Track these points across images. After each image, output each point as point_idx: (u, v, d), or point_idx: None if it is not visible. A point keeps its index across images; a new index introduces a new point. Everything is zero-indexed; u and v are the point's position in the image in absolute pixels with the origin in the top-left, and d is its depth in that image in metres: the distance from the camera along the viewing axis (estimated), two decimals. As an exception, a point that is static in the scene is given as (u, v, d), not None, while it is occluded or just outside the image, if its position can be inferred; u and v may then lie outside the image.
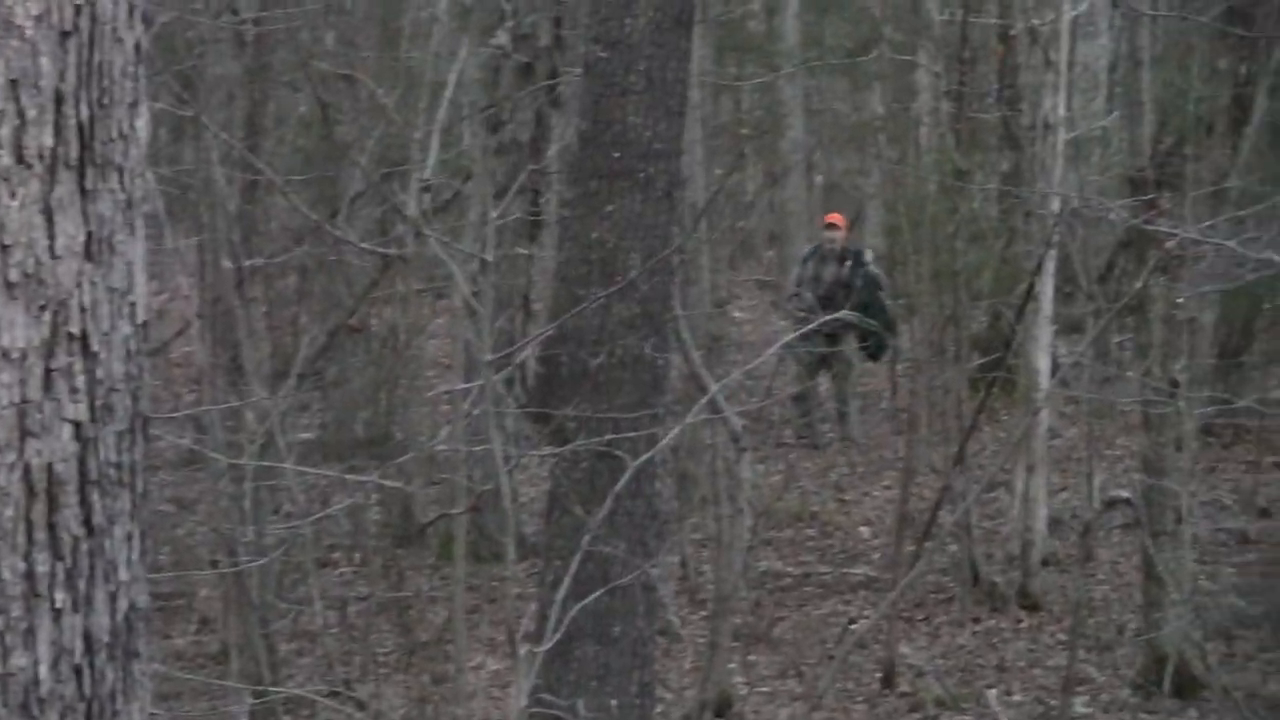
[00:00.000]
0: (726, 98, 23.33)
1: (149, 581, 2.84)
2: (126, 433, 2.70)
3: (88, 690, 2.61)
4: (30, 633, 2.50)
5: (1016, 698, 9.21)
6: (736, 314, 19.34)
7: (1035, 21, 12.24)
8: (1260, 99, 11.86)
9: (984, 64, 17.07)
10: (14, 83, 2.45)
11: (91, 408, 2.58)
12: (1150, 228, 9.53)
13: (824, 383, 14.54)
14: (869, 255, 14.53)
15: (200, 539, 10.13)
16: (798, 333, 10.24)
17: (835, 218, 14.95)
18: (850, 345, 14.28)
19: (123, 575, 2.69)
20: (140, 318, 2.73)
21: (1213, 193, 10.01)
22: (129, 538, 2.72)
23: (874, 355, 14.33)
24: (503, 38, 10.65)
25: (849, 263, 14.24)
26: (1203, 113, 10.54)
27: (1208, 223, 9.09)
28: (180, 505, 10.22)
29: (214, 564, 8.55)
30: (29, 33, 2.47)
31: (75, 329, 2.51)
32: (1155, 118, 12.48)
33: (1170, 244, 9.05)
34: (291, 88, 11.97)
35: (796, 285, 14.54)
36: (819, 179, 23.88)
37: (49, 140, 2.48)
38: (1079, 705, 8.87)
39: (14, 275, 2.40)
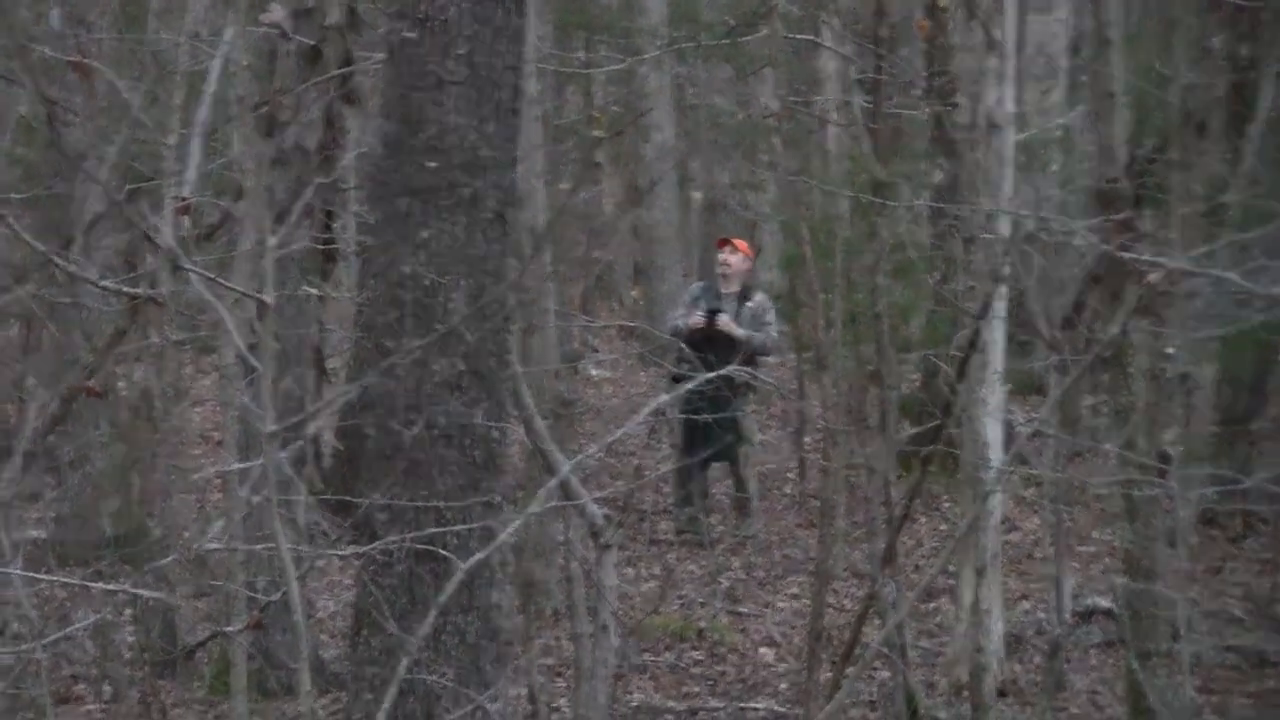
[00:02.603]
0: (574, 90, 23.56)
1: None
2: None
3: None
4: None
5: None
6: (593, 371, 19.69)
7: None
8: (1266, 88, 12.11)
9: (907, 45, 17.42)
10: None
11: None
12: (1128, 255, 9.45)
13: (711, 461, 14.71)
14: (757, 300, 14.89)
15: None
16: (675, 394, 10.26)
17: (736, 241, 15.29)
18: (748, 410, 14.45)
19: None
20: None
21: (1207, 210, 10.02)
22: None
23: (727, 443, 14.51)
24: (279, 14, 10.55)
25: (750, 304, 14.58)
26: (1192, 106, 10.54)
27: (1202, 249, 9.06)
28: None
29: None
30: None
31: None
32: (1131, 113, 12.53)
33: (1154, 276, 9.12)
34: (5, 80, 11.93)
35: (679, 324, 14.86)
36: (697, 195, 24.22)
37: None
38: None
39: None
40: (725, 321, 14.45)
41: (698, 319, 14.53)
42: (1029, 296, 11.90)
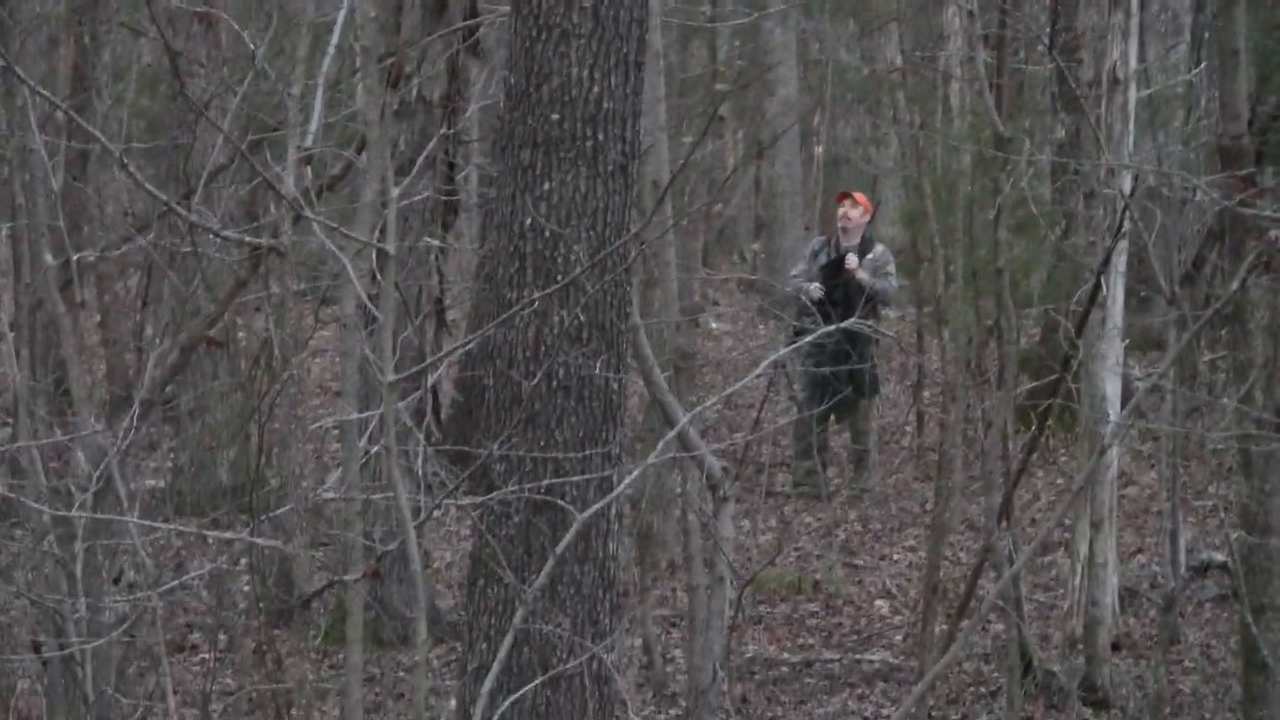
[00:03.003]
0: (698, 44, 23.60)
1: None
2: None
3: None
4: None
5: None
6: (713, 324, 19.69)
7: None
8: None
9: (1032, 1, 17.31)
10: None
11: None
12: (1249, 212, 9.42)
13: (831, 413, 14.72)
14: (878, 251, 14.92)
15: (17, 614, 10.05)
16: (795, 344, 10.27)
17: (856, 195, 15.27)
18: (869, 364, 14.54)
19: None
20: None
21: None
22: None
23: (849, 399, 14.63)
24: None
25: (871, 256, 14.61)
26: None
27: None
28: None
29: (36, 647, 8.66)
30: None
31: None
32: (1254, 70, 12.54)
33: (1275, 233, 9.12)
34: (131, 31, 11.98)
35: (800, 281, 14.91)
36: (819, 150, 24.21)
37: None
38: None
39: None
40: (853, 262, 14.45)
41: (826, 265, 14.64)
42: (1149, 252, 11.90)
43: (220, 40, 11.11)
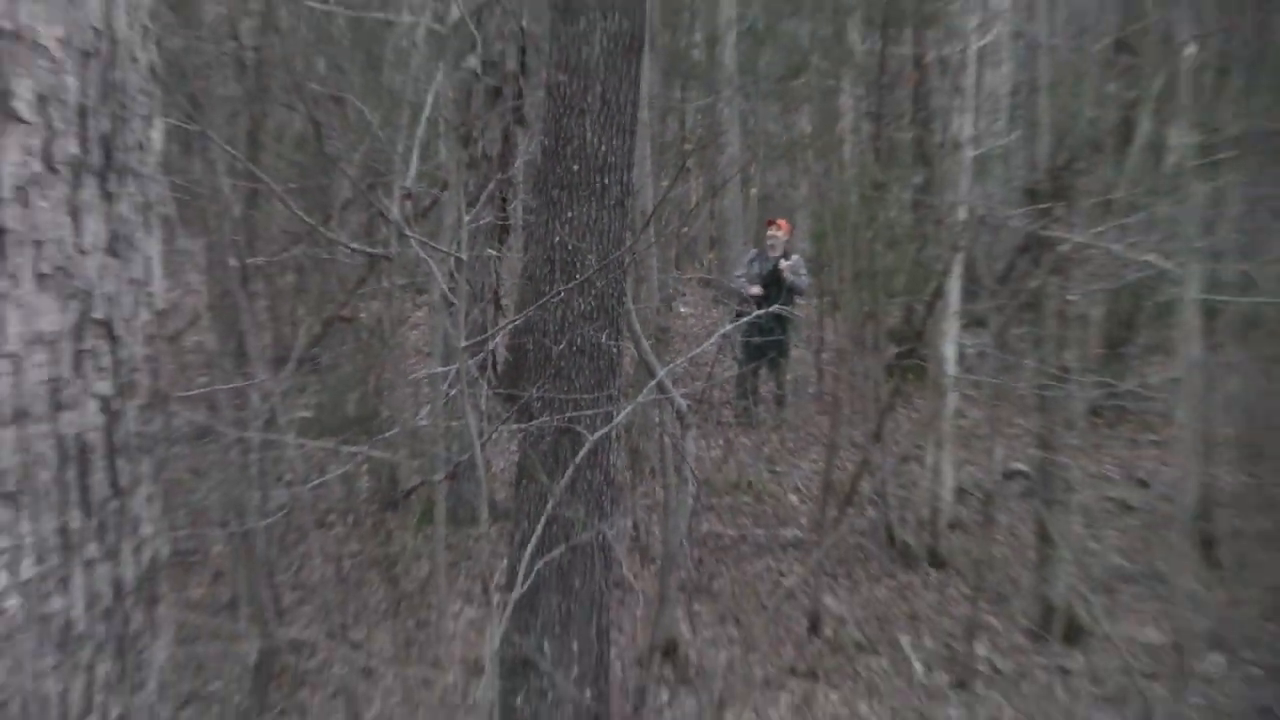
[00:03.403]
0: (672, 118, 23.04)
1: (168, 538, 2.89)
2: (147, 407, 2.74)
3: (117, 630, 2.64)
4: (65, 580, 2.50)
5: (926, 642, 9.11)
6: (681, 309, 19.20)
7: (945, 51, 12.07)
8: (1143, 121, 11.89)
9: (900, 89, 17.05)
10: (42, 98, 2.47)
11: (116, 385, 2.59)
12: (1045, 234, 9.46)
13: (760, 368, 14.38)
14: (794, 259, 14.42)
15: (212, 503, 9.71)
16: (736, 324, 10.05)
17: (780, 222, 14.86)
18: (788, 335, 14.32)
19: (145, 530, 2.73)
20: (157, 306, 2.76)
21: (1100, 203, 9.95)
22: (150, 498, 2.77)
23: (774, 359, 14.36)
24: (474, 63, 10.51)
25: (789, 262, 14.18)
26: (1092, 133, 10.40)
27: (1096, 229, 9.14)
28: (195, 473, 9.95)
29: (224, 524, 8.44)
30: (55, 54, 2.51)
31: (100, 315, 2.56)
32: (1051, 137, 11.97)
33: (1063, 248, 9.02)
34: (287, 107, 11.60)
35: (742, 282, 14.38)
36: (754, 190, 23.72)
37: (74, 149, 2.46)
38: (980, 649, 8.82)
39: (45, 268, 2.41)
40: (784, 265, 13.94)
41: (758, 281, 14.08)
42: (977, 260, 11.78)
43: (348, 113, 10.68)
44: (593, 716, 7.21)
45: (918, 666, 8.68)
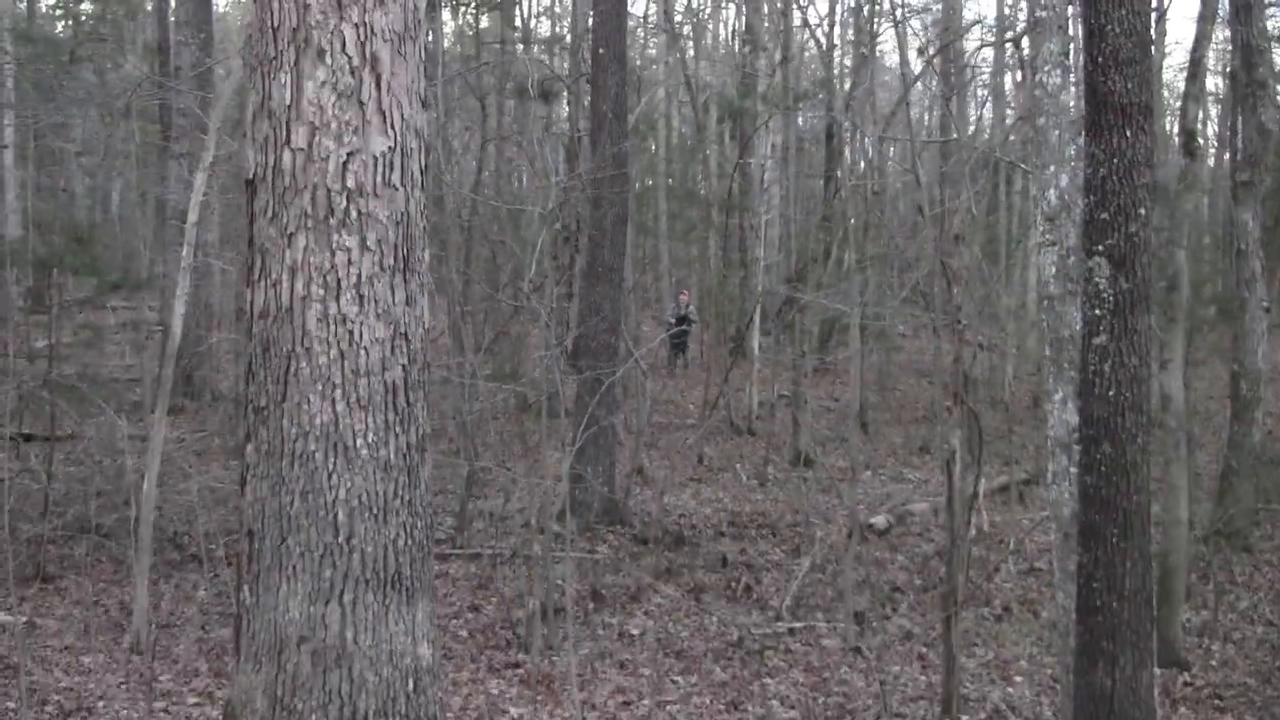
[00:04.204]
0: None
1: (428, 424, 5.31)
2: (422, 369, 5.17)
3: (413, 462, 5.19)
4: (386, 441, 5.11)
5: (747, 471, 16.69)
6: (644, 328, 27.77)
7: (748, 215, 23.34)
8: (835, 247, 21.03)
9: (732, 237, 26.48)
10: (378, 238, 5.06)
11: (409, 359, 5.11)
12: (795, 294, 17.26)
13: (679, 351, 25.71)
14: (692, 306, 24.03)
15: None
16: (667, 333, 19.37)
17: (685, 292, 25.81)
18: (689, 340, 25.76)
19: (422, 422, 5.16)
20: (426, 325, 5.24)
21: (818, 284, 17.97)
22: (423, 407, 5.21)
23: (683, 350, 25.05)
24: (559, 226, 17.28)
25: (689, 309, 24.71)
26: (813, 251, 19.25)
27: (820, 293, 17.20)
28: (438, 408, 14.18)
29: (454, 416, 13.07)
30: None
31: (403, 332, 5.05)
32: (796, 252, 22.76)
33: (803, 301, 17.04)
34: (461, 228, 17.68)
35: (669, 318, 24.53)
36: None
37: (391, 260, 4.97)
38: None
39: (379, 311, 4.97)
40: (691, 317, 24.09)
41: (678, 317, 24.07)
42: (766, 306, 21.96)
43: (508, 245, 17.77)
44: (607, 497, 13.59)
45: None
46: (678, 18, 32.87)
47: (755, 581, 12.99)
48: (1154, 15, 15.51)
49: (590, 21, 17.30)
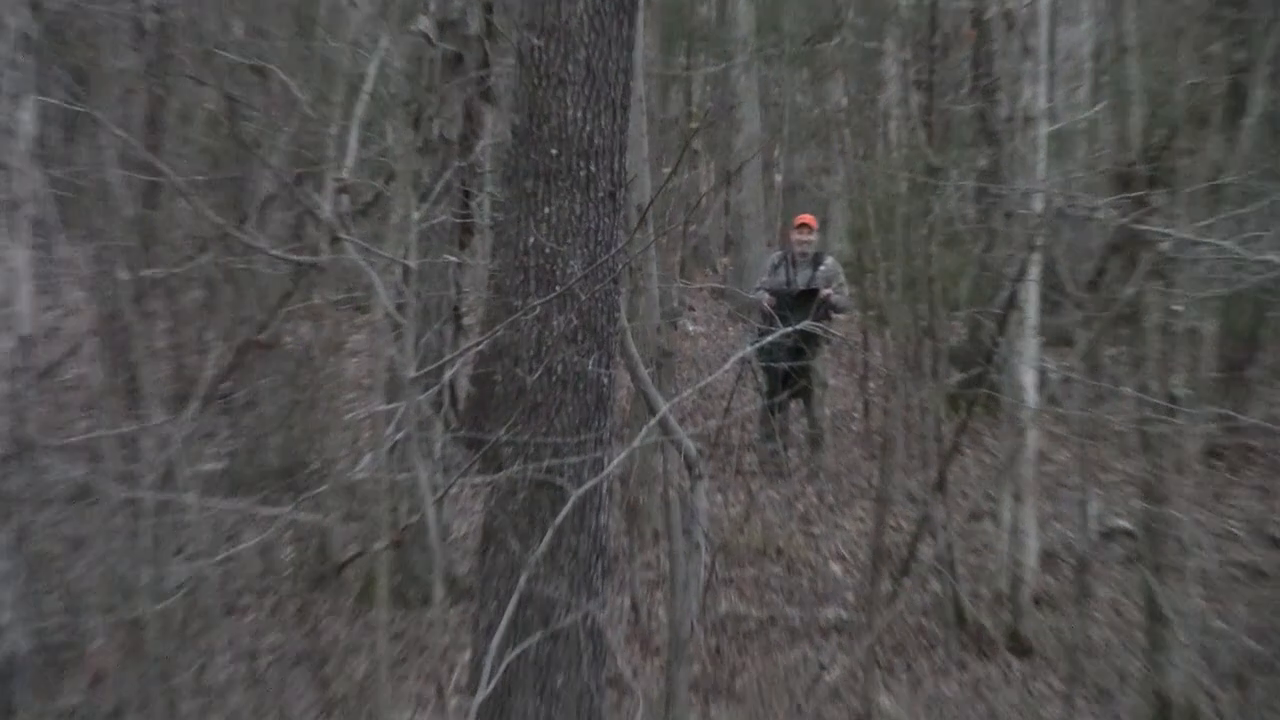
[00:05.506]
0: (675, 89, 23.46)
1: (34, 629, 2.80)
2: (6, 460, 2.84)
3: None
4: None
5: (1010, 754, 9.33)
6: (690, 327, 19.89)
7: (1011, 4, 12.32)
8: (1257, 87, 12.11)
9: (956, 51, 17.42)
10: None
11: None
12: (1142, 228, 9.57)
13: (790, 402, 14.77)
14: (829, 264, 14.89)
15: (93, 582, 9.96)
16: (758, 344, 10.26)
17: (807, 219, 15.21)
18: (821, 360, 14.56)
19: (2, 619, 2.74)
20: (25, 331, 2.79)
21: (1209, 189, 10.03)
22: (8, 577, 2.81)
23: (804, 395, 14.91)
24: (427, 25, 10.80)
25: (821, 268, 14.60)
26: (1196, 103, 10.62)
27: (1204, 222, 9.27)
28: (71, 544, 10.20)
29: (108, 610, 8.71)
30: None
31: None
32: (1144, 109, 12.54)
33: (1164, 246, 9.21)
34: (196, 81, 12.29)
35: (761, 288, 14.96)
36: (778, 178, 24.25)
37: None
38: (1078, 761, 8.86)
39: None
40: (825, 292, 14.47)
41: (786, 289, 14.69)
42: (1058, 263, 11.98)
43: (271, 88, 11.23)
44: None
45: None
46: None
47: None
48: None
49: None
